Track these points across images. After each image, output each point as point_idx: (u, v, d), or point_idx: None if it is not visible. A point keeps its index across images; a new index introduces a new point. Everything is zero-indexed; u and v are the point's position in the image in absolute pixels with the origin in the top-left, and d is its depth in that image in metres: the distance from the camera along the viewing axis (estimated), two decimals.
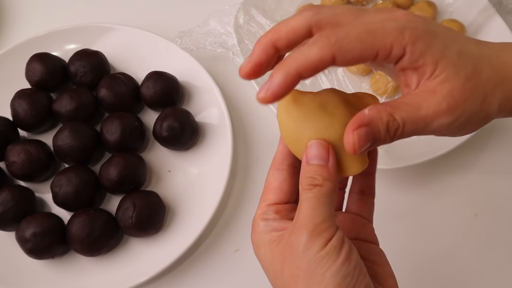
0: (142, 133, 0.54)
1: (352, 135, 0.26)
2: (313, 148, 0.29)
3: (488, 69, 0.29)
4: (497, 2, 0.64)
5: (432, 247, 0.53)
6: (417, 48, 0.27)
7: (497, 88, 0.28)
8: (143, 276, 0.48)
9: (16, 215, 0.49)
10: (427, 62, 0.27)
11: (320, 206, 0.28)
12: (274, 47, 0.28)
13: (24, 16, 0.66)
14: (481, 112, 0.28)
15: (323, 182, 0.28)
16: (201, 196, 0.53)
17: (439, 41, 0.28)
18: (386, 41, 0.27)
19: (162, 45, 0.59)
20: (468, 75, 0.28)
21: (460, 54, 0.28)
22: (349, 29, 0.27)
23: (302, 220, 0.28)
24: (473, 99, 0.28)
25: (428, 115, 0.27)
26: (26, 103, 0.53)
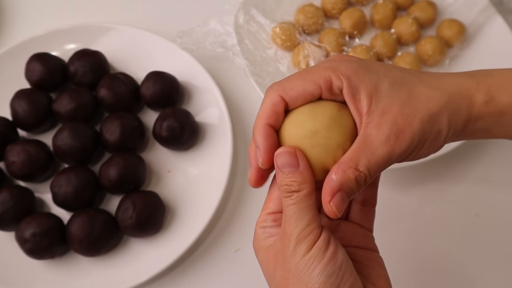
0: (142, 133, 0.54)
1: (331, 207, 0.28)
2: (281, 156, 0.30)
3: (427, 89, 0.30)
4: (498, 1, 0.64)
5: (432, 247, 0.53)
6: (352, 82, 0.30)
7: (441, 105, 0.30)
8: (143, 276, 0.48)
9: (15, 215, 0.49)
10: (362, 96, 0.30)
11: (302, 211, 0.29)
12: (268, 126, 0.30)
13: (23, 16, 0.66)
14: (431, 131, 0.30)
15: (299, 187, 0.29)
16: (201, 196, 0.53)
17: (372, 75, 0.30)
18: (325, 75, 0.30)
19: (162, 45, 0.59)
20: (404, 101, 0.30)
21: (392, 84, 0.30)
22: (291, 77, 0.31)
23: (287, 228, 0.29)
24: (418, 120, 0.29)
25: (385, 152, 0.29)
26: (26, 103, 0.53)
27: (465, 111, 0.31)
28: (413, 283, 0.50)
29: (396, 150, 0.29)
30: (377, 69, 0.31)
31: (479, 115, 0.31)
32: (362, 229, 0.34)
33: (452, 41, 0.60)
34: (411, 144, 0.29)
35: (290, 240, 0.29)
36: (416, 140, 0.29)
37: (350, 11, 0.61)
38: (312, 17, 0.61)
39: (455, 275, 0.51)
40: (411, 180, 0.56)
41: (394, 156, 0.29)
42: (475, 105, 0.31)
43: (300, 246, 0.28)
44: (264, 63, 0.59)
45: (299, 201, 0.29)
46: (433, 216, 0.54)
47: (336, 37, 0.59)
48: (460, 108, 0.31)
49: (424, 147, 0.30)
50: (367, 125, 0.29)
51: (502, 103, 0.31)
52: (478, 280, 0.51)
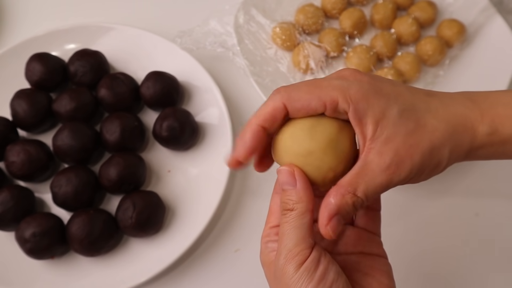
0: (142, 133, 0.54)
1: (327, 230, 0.29)
2: (281, 175, 0.30)
3: (434, 121, 0.31)
4: (498, 1, 0.64)
5: (432, 247, 0.53)
6: (360, 106, 0.30)
7: (444, 138, 0.30)
8: (143, 276, 0.48)
9: (15, 215, 0.49)
10: (368, 121, 0.30)
11: (292, 231, 0.29)
12: (261, 129, 0.31)
13: (23, 16, 0.66)
14: (430, 162, 0.30)
15: (293, 206, 0.30)
16: (201, 196, 0.53)
17: (381, 100, 0.30)
18: (332, 94, 0.30)
19: (162, 45, 0.59)
20: (410, 131, 0.30)
21: (401, 112, 0.30)
22: (300, 85, 0.31)
23: (279, 246, 0.30)
24: (419, 152, 0.30)
25: (383, 180, 0.29)
26: (26, 103, 0.53)
27: (468, 143, 0.31)
28: (412, 283, 0.50)
29: (394, 179, 0.30)
30: (388, 93, 0.31)
31: (481, 145, 0.32)
32: (367, 233, 0.34)
33: (452, 41, 0.60)
34: (409, 174, 0.30)
35: (279, 259, 0.29)
36: (415, 171, 0.30)
37: (350, 11, 0.61)
38: (312, 17, 0.61)
39: (455, 275, 0.51)
40: None
41: (392, 184, 0.30)
42: (478, 136, 0.32)
43: (287, 265, 0.29)
44: (264, 63, 0.59)
45: (292, 219, 0.29)
46: (433, 216, 0.54)
47: (336, 37, 0.59)
48: (463, 141, 0.31)
49: (423, 175, 0.31)
50: (369, 151, 0.30)
51: (505, 134, 0.31)
52: (478, 280, 0.51)
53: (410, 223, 0.54)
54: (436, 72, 0.59)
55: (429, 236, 0.53)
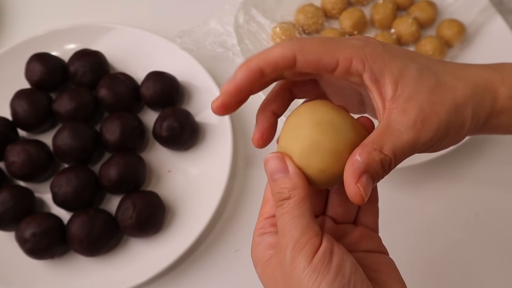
0: (142, 133, 0.54)
1: (358, 188, 0.26)
2: (270, 163, 0.28)
3: (453, 80, 0.29)
4: (498, 1, 0.64)
5: (432, 247, 0.53)
6: (376, 66, 0.28)
7: (466, 96, 0.29)
8: (143, 276, 0.48)
9: (15, 215, 0.49)
10: (387, 81, 0.28)
11: (295, 220, 0.27)
12: (260, 70, 0.28)
13: (23, 16, 0.66)
14: (456, 121, 0.28)
15: (290, 193, 0.27)
16: (201, 196, 0.53)
17: (398, 60, 0.28)
18: (346, 52, 0.28)
19: (162, 45, 0.59)
20: (432, 88, 0.28)
21: (420, 71, 0.28)
22: (314, 39, 0.29)
23: (282, 240, 0.27)
24: (445, 109, 0.28)
25: (410, 137, 0.27)
26: (26, 103, 0.53)
27: (489, 104, 0.30)
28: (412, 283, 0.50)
29: (422, 137, 0.27)
30: (404, 55, 0.29)
31: (502, 109, 0.30)
32: (369, 231, 0.32)
33: (452, 41, 0.60)
34: (437, 133, 0.28)
35: (286, 253, 0.26)
36: (441, 130, 0.28)
37: (350, 11, 0.61)
38: (312, 17, 0.61)
39: (455, 275, 0.51)
40: (411, 180, 0.56)
41: (419, 144, 0.27)
42: (499, 99, 0.30)
43: (298, 258, 0.26)
44: None
45: (292, 208, 0.27)
46: (433, 216, 0.54)
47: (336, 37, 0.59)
48: (484, 101, 0.29)
49: (448, 138, 0.29)
50: (391, 111, 0.28)
51: None
52: (478, 280, 0.51)
53: (410, 223, 0.54)
54: None
55: (429, 236, 0.53)
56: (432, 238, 0.53)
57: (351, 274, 0.26)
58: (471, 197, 0.55)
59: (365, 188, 0.26)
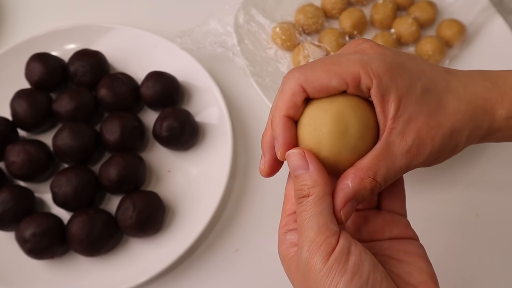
0: (142, 133, 0.54)
1: (340, 215, 0.27)
2: (291, 159, 0.28)
3: (455, 102, 0.30)
4: (498, 1, 0.64)
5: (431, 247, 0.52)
6: (383, 82, 0.28)
7: (465, 120, 0.29)
8: (143, 276, 0.48)
9: (15, 215, 0.49)
10: (391, 98, 0.28)
11: (312, 218, 0.26)
12: (288, 118, 0.29)
13: (23, 16, 0.66)
14: (450, 144, 0.29)
15: (309, 191, 0.27)
16: (201, 196, 0.53)
17: (405, 76, 0.29)
18: (353, 70, 0.28)
19: (162, 45, 0.59)
20: (432, 112, 0.29)
21: (424, 91, 0.29)
22: (315, 64, 0.29)
23: (300, 238, 0.27)
24: (440, 135, 0.29)
25: (403, 163, 0.28)
26: (26, 103, 0.53)
27: (486, 126, 0.31)
28: None
29: (413, 162, 0.28)
30: (411, 68, 0.29)
31: (499, 128, 0.31)
32: (393, 216, 0.32)
33: (452, 41, 0.60)
34: (429, 157, 0.29)
35: (302, 253, 0.26)
36: (434, 154, 0.29)
37: (350, 11, 0.61)
38: (312, 17, 0.61)
39: (455, 275, 0.51)
40: (411, 180, 0.56)
41: (411, 167, 0.29)
42: (496, 120, 0.31)
43: (313, 259, 0.25)
44: (264, 63, 0.59)
45: (310, 206, 0.27)
46: (433, 216, 0.54)
47: (336, 37, 0.59)
48: (482, 123, 0.30)
49: (440, 158, 0.30)
50: (391, 131, 0.28)
51: None
52: (478, 280, 0.51)
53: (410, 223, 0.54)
54: None
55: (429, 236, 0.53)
56: (432, 238, 0.53)
57: (369, 274, 0.25)
58: (471, 197, 0.55)
59: (346, 214, 0.27)
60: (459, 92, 0.30)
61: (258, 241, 0.52)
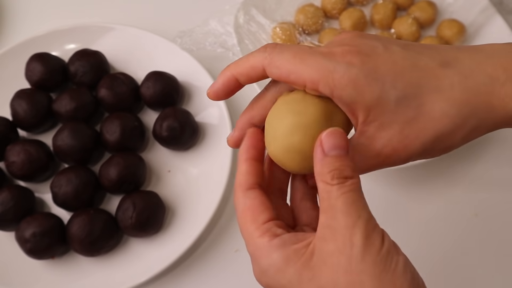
0: (142, 133, 0.54)
1: None
2: (332, 137, 0.25)
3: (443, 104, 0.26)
4: (498, 1, 0.64)
5: (431, 247, 0.52)
6: (346, 93, 0.26)
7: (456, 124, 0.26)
8: (143, 276, 0.48)
9: (15, 215, 0.49)
10: (358, 107, 0.26)
11: (361, 201, 0.24)
12: (235, 79, 0.29)
13: (23, 16, 0.66)
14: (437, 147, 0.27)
15: (354, 174, 0.25)
16: (201, 196, 0.53)
17: (375, 86, 0.26)
18: (313, 76, 0.26)
19: (162, 45, 0.59)
20: (408, 120, 0.26)
21: (399, 100, 0.26)
22: (288, 50, 0.27)
23: (346, 220, 0.24)
24: (418, 143, 0.26)
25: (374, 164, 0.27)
26: (26, 103, 0.53)
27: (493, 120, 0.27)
28: None
29: (386, 164, 0.27)
30: (385, 74, 0.26)
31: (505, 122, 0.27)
32: None
33: (452, 41, 0.60)
34: (405, 161, 0.27)
35: (356, 233, 0.24)
36: (413, 159, 0.27)
37: (350, 11, 0.61)
38: (312, 17, 0.61)
39: (455, 275, 0.51)
40: (411, 180, 0.56)
41: (385, 166, 0.28)
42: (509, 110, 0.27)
43: (372, 240, 0.24)
44: None
45: (356, 189, 0.24)
46: (433, 216, 0.54)
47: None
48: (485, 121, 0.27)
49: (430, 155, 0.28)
50: (361, 134, 0.27)
51: None
52: (478, 280, 0.51)
53: (410, 223, 0.54)
54: None
55: (428, 236, 0.53)
56: (432, 238, 0.53)
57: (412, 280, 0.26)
58: (471, 197, 0.55)
59: None
60: (453, 91, 0.26)
61: None
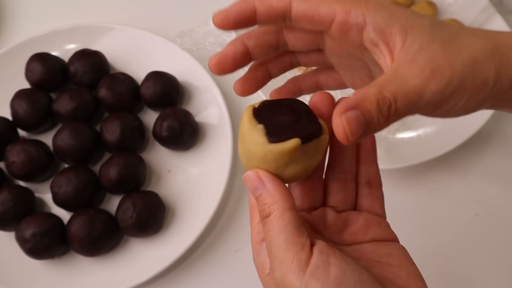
0: (142, 133, 0.54)
1: (341, 119, 0.22)
2: (248, 182, 0.27)
3: (471, 37, 0.25)
4: (498, 1, 0.64)
5: (432, 247, 0.53)
6: (380, 16, 0.25)
7: (487, 52, 0.25)
8: (143, 276, 0.48)
9: (15, 215, 0.49)
10: (394, 31, 0.24)
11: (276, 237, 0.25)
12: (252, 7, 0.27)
13: (23, 16, 0.66)
14: (474, 76, 0.24)
15: (270, 209, 0.25)
16: (201, 196, 0.53)
17: (406, 12, 0.25)
18: (345, 5, 0.25)
19: (162, 45, 0.59)
20: (447, 41, 0.25)
21: (433, 24, 0.25)
22: None
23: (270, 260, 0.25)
24: (460, 61, 0.24)
25: (417, 84, 0.23)
26: (26, 103, 0.53)
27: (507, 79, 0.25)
28: None
29: (431, 85, 0.23)
30: (413, 12, 0.26)
31: None
32: (375, 217, 0.30)
33: None
34: (449, 84, 0.24)
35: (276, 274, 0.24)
36: (455, 82, 0.24)
37: None
38: None
39: (455, 275, 0.51)
40: (411, 180, 0.56)
41: (427, 95, 0.23)
42: None
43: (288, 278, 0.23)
44: None
45: (272, 226, 0.25)
46: (433, 216, 0.54)
47: None
48: (509, 59, 0.25)
49: (464, 98, 0.25)
50: (399, 61, 0.24)
51: None
52: (478, 280, 0.51)
53: (410, 223, 0.54)
54: None
55: (428, 236, 0.53)
56: (432, 237, 0.53)
57: (356, 284, 0.23)
58: (471, 197, 0.55)
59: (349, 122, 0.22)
60: (475, 32, 0.26)
61: None
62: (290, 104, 0.28)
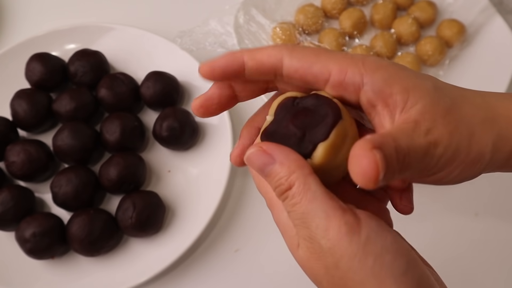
0: (142, 133, 0.54)
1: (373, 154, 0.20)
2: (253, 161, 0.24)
3: (471, 107, 0.25)
4: (498, 1, 0.64)
5: (431, 247, 0.53)
6: (378, 76, 0.24)
7: (486, 125, 0.25)
8: (143, 276, 0.48)
9: (15, 215, 0.49)
10: (395, 91, 0.24)
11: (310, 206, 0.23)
12: (241, 62, 0.25)
13: (23, 16, 0.66)
14: (470, 149, 0.24)
15: (289, 182, 0.23)
16: (201, 196, 0.53)
17: (409, 72, 0.24)
18: (341, 63, 0.24)
19: (162, 45, 0.59)
20: (448, 108, 0.24)
21: (436, 87, 0.24)
22: (304, 49, 0.25)
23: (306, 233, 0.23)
24: (458, 132, 0.24)
25: (423, 144, 0.23)
26: (26, 103, 0.53)
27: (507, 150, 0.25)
28: None
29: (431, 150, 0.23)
30: (413, 71, 0.25)
31: None
32: None
33: (452, 41, 0.60)
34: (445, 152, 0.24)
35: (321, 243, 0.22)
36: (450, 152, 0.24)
37: (350, 11, 0.61)
38: (312, 17, 0.61)
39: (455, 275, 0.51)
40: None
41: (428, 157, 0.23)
42: None
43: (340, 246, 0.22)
44: None
45: (300, 197, 0.23)
46: (433, 215, 0.54)
47: (336, 37, 0.59)
48: (508, 132, 0.25)
49: (458, 169, 0.25)
50: (401, 122, 0.23)
51: None
52: (478, 280, 0.51)
53: (410, 223, 0.54)
54: (436, 72, 0.59)
55: (428, 236, 0.53)
56: (432, 237, 0.53)
57: (409, 252, 0.23)
58: (471, 197, 0.55)
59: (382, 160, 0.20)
60: (476, 101, 0.25)
61: (258, 241, 0.52)
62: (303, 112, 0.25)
